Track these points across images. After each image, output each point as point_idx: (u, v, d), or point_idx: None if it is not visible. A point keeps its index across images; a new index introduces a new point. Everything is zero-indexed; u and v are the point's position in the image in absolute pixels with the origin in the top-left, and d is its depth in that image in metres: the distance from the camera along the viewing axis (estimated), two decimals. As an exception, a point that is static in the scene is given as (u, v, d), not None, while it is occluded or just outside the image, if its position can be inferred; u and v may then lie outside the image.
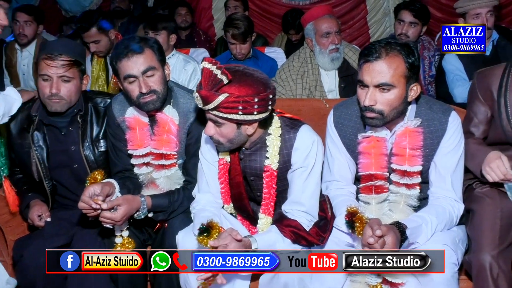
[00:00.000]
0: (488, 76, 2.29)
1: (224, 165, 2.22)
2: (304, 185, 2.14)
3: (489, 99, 2.25)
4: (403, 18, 3.89)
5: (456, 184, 2.13)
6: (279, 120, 2.16)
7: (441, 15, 5.61)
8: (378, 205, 2.13)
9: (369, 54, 2.00)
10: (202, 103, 1.98)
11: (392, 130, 2.13)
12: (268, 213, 2.20)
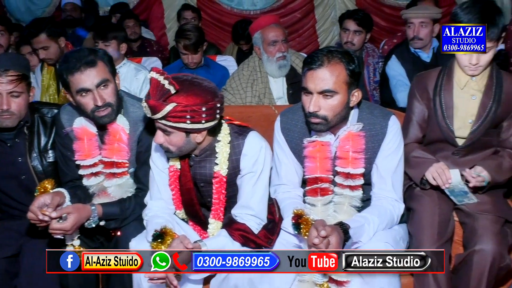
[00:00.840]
0: (425, 78, 2.39)
1: (175, 172, 2.22)
2: (253, 189, 2.16)
3: (426, 99, 2.34)
4: (348, 27, 3.98)
5: (397, 185, 2.19)
6: (228, 127, 2.18)
7: (385, 24, 5.77)
8: (323, 207, 2.15)
9: (312, 62, 2.03)
10: (150, 112, 1.98)
11: (336, 135, 2.17)
12: (218, 218, 2.21)
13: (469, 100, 2.28)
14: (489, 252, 2.04)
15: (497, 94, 2.24)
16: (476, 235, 2.09)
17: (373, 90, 3.99)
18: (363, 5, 5.89)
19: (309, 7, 5.81)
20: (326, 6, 5.90)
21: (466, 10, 2.16)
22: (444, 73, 2.34)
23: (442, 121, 2.30)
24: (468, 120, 2.28)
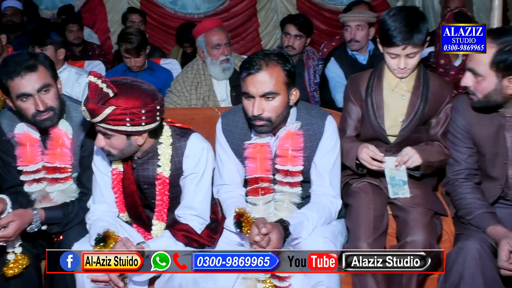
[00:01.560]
0: (358, 80, 2.45)
1: (118, 175, 2.20)
2: (196, 190, 2.18)
3: (359, 100, 2.41)
4: (289, 31, 4.04)
5: (334, 182, 2.25)
6: (170, 129, 2.19)
7: (325, 27, 5.90)
8: (265, 206, 2.18)
9: (250, 67, 2.06)
10: (89, 116, 1.96)
11: (276, 135, 2.21)
12: (162, 219, 2.21)
13: (399, 100, 2.36)
14: (420, 242, 2.11)
15: (425, 94, 2.33)
16: (408, 227, 2.17)
17: (314, 91, 4.07)
18: (303, 9, 5.99)
19: (252, 11, 5.86)
20: (268, 10, 5.97)
21: (393, 18, 2.22)
22: (375, 74, 2.41)
23: (374, 120, 2.37)
24: (399, 119, 2.36)
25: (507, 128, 2.16)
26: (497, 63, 2.04)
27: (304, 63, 4.12)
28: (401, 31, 2.19)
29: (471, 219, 2.18)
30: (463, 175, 2.27)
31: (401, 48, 2.21)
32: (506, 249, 1.94)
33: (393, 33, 2.20)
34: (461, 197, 2.24)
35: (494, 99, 2.11)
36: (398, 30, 2.19)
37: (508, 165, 2.19)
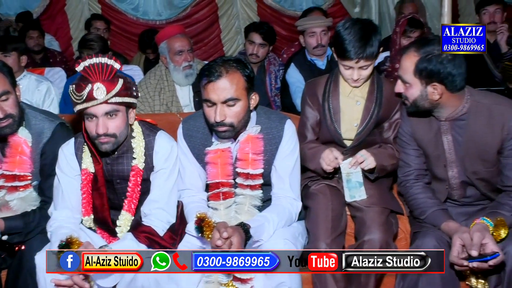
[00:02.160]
0: (315, 85, 2.48)
1: (88, 175, 2.21)
2: (163, 184, 2.22)
3: (316, 104, 2.43)
4: (253, 39, 4.05)
5: (294, 184, 2.27)
6: (140, 125, 2.25)
7: (286, 33, 5.94)
8: (226, 210, 2.19)
9: (210, 75, 2.06)
10: (105, 91, 2.02)
11: (237, 139, 2.22)
12: (130, 210, 2.21)
13: (354, 105, 2.39)
14: (376, 241, 2.14)
15: (379, 98, 2.38)
16: (365, 226, 2.20)
17: (275, 96, 4.10)
18: (264, 15, 6.03)
19: (214, 18, 5.86)
20: (230, 17, 5.99)
21: (347, 31, 2.24)
22: (331, 80, 2.44)
23: (331, 125, 2.40)
24: (354, 123, 2.39)
25: (443, 132, 2.22)
26: (419, 71, 2.09)
27: (265, 68, 4.15)
28: (354, 45, 2.21)
29: (425, 218, 2.23)
30: (413, 176, 2.32)
31: (354, 62, 2.25)
32: (458, 243, 1.98)
33: (347, 47, 2.22)
34: (413, 197, 2.29)
35: (421, 104, 2.16)
36: (352, 44, 2.21)
37: (448, 167, 2.25)
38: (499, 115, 2.12)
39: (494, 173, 2.21)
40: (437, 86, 2.10)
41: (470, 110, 2.16)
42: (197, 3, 5.71)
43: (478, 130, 2.16)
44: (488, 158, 2.18)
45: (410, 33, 3.63)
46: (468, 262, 1.93)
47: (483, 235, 1.94)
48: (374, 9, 6.27)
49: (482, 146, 2.17)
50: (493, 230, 2.00)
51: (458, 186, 2.27)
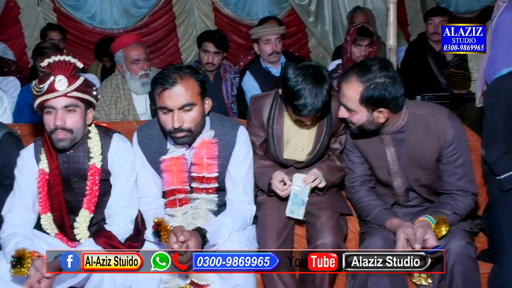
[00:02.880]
0: (260, 105, 2.44)
1: (44, 175, 2.21)
2: (123, 184, 2.24)
3: (262, 126, 2.42)
4: (208, 48, 4.06)
5: (248, 189, 2.30)
6: (96, 128, 2.28)
7: (242, 41, 5.98)
8: (183, 216, 2.20)
9: (165, 82, 2.07)
10: (67, 83, 2.08)
11: (191, 146, 2.23)
12: (89, 209, 2.21)
13: (302, 130, 2.39)
14: (329, 244, 2.18)
15: (329, 121, 2.38)
16: (317, 231, 2.24)
17: (231, 103, 4.12)
18: (221, 24, 6.05)
19: (171, 26, 5.84)
20: (188, 26, 5.98)
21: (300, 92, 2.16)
22: (276, 104, 2.40)
23: (274, 151, 2.41)
24: (299, 148, 2.40)
25: (385, 144, 2.28)
26: (366, 100, 2.11)
27: (221, 76, 4.17)
28: (307, 107, 2.16)
29: (371, 219, 2.30)
30: (358, 182, 2.39)
31: (308, 119, 2.28)
32: (402, 238, 2.05)
33: (301, 109, 2.18)
34: (359, 201, 2.36)
35: (368, 128, 2.20)
36: (304, 106, 2.16)
37: (393, 177, 2.32)
38: (435, 125, 2.20)
39: (434, 180, 2.29)
40: (383, 110, 2.14)
41: (408, 122, 2.22)
42: (154, 12, 5.68)
43: (417, 140, 2.22)
44: (428, 166, 2.26)
45: (360, 41, 3.73)
46: None
47: (426, 231, 2.02)
48: (328, 18, 6.39)
49: (421, 155, 2.24)
50: (434, 227, 2.08)
51: (403, 193, 2.35)
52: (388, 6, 3.02)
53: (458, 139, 2.20)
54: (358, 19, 4.71)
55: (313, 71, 2.19)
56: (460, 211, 2.21)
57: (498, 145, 2.34)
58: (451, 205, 2.20)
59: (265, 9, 6.19)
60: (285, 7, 6.29)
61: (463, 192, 2.23)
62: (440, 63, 4.37)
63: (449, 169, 2.23)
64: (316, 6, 6.30)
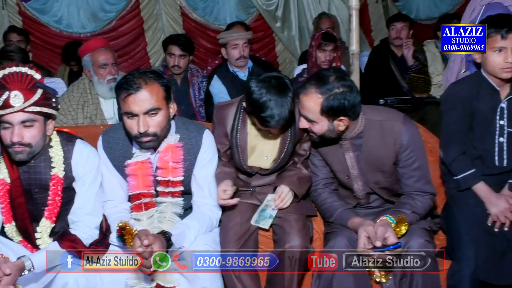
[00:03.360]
0: (224, 114, 2.41)
1: (4, 185, 2.14)
2: (87, 191, 2.20)
3: (225, 135, 2.39)
4: (173, 51, 4.06)
5: (213, 192, 2.29)
6: (57, 135, 2.21)
7: (211, 46, 5.97)
8: (148, 220, 2.18)
9: (129, 87, 2.05)
10: (23, 99, 1.97)
11: (156, 150, 2.21)
12: (50, 219, 2.16)
13: (266, 138, 2.37)
14: (297, 247, 2.18)
15: (293, 129, 2.37)
16: (285, 234, 2.23)
17: (199, 107, 4.12)
18: (189, 29, 6.02)
19: (139, 31, 5.77)
20: (156, 30, 5.92)
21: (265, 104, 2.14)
22: (240, 113, 2.38)
23: (238, 160, 2.39)
24: (264, 156, 2.39)
25: (345, 150, 2.31)
26: (326, 111, 2.13)
27: (188, 80, 4.16)
28: (274, 117, 2.15)
29: (334, 220, 2.33)
30: (321, 185, 2.41)
31: (276, 130, 2.28)
32: (363, 235, 2.08)
33: (269, 120, 2.17)
34: (322, 203, 2.39)
35: (329, 136, 2.23)
36: (272, 117, 2.15)
37: (353, 181, 2.35)
38: (390, 130, 2.23)
39: (393, 182, 2.34)
40: (343, 119, 2.17)
41: (365, 128, 2.25)
42: (122, 16, 5.61)
43: (374, 145, 2.26)
44: (386, 169, 2.30)
45: (324, 46, 3.78)
46: (373, 252, 2.04)
47: (386, 229, 2.05)
48: (294, 24, 6.43)
49: (379, 159, 2.28)
50: (395, 226, 2.12)
51: (363, 196, 2.39)
52: (350, 12, 3.06)
53: (414, 143, 2.24)
54: (324, 24, 4.76)
55: (276, 82, 2.18)
56: (419, 210, 2.25)
57: (455, 147, 2.40)
58: (411, 205, 2.25)
59: (233, 14, 6.19)
60: (252, 13, 6.31)
61: (422, 192, 2.28)
62: (402, 68, 4.46)
63: (407, 172, 2.27)
64: (283, 11, 6.34)
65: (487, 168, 2.39)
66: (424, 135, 2.87)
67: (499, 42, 2.22)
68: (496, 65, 2.26)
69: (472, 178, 2.36)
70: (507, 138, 2.35)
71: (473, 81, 2.39)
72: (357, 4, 3.05)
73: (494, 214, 2.29)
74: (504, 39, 2.21)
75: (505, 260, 2.22)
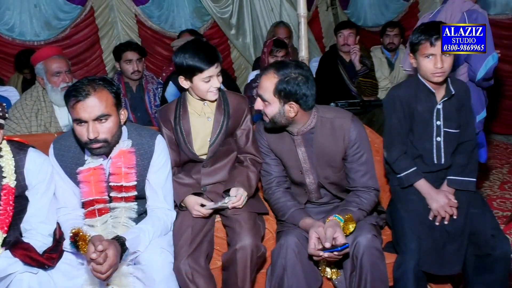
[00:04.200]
0: (166, 110, 2.49)
1: None
2: (40, 199, 2.15)
3: (171, 128, 2.44)
4: (130, 57, 4.01)
5: (167, 196, 2.29)
6: (8, 144, 2.14)
7: (167, 53, 5.94)
8: (103, 226, 2.15)
9: (78, 94, 2.02)
10: None
11: (109, 156, 2.19)
12: (2, 229, 2.10)
13: (206, 122, 2.43)
14: (248, 247, 2.20)
15: (226, 110, 2.43)
16: (236, 234, 2.25)
17: (155, 113, 4.07)
18: (145, 36, 5.98)
19: (94, 38, 5.67)
20: (111, 37, 5.84)
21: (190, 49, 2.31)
22: (180, 104, 2.47)
23: (185, 146, 2.42)
24: (207, 139, 2.43)
25: (297, 145, 2.38)
26: (279, 92, 2.22)
27: (144, 87, 4.13)
28: (207, 52, 2.30)
29: (286, 219, 2.37)
30: (274, 183, 2.46)
31: (215, 67, 2.32)
32: (314, 236, 2.13)
33: (204, 56, 2.28)
34: (275, 202, 2.43)
35: (279, 121, 2.30)
36: (206, 52, 2.29)
37: (305, 175, 2.42)
38: (340, 127, 2.32)
39: (342, 177, 2.41)
40: (293, 105, 2.24)
41: (316, 124, 2.34)
42: (77, 24, 5.49)
43: (324, 141, 2.34)
44: (335, 164, 2.38)
45: (276, 52, 3.83)
46: (323, 253, 2.09)
47: (335, 230, 2.11)
48: (249, 31, 6.48)
49: (329, 154, 2.35)
50: (343, 225, 2.18)
51: (315, 190, 2.45)
52: (299, 20, 3.12)
53: (361, 139, 2.34)
54: (280, 32, 4.81)
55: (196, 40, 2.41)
56: (365, 207, 2.32)
57: (397, 147, 2.49)
58: (357, 202, 2.31)
59: (188, 22, 6.18)
60: (207, 20, 6.31)
61: (367, 188, 2.35)
62: (350, 73, 4.57)
63: (354, 167, 2.35)
64: (237, 19, 6.38)
65: (427, 166, 2.48)
66: (371, 136, 2.96)
67: (429, 49, 2.32)
68: (428, 70, 2.36)
69: (413, 175, 2.45)
70: (444, 137, 2.45)
71: (411, 85, 2.48)
72: (305, 12, 3.11)
73: (435, 209, 2.38)
74: (433, 46, 2.30)
75: (445, 252, 2.31)
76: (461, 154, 2.47)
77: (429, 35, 2.30)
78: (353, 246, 2.19)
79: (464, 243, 2.33)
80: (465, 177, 2.43)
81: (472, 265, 2.36)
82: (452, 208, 2.36)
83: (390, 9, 6.66)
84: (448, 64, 2.32)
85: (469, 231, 2.34)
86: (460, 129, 2.46)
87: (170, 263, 2.13)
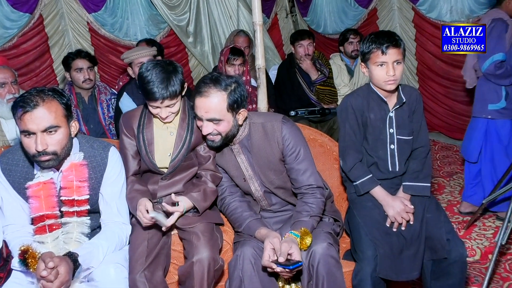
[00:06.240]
0: (130, 117, 2.53)
1: None
2: None
3: (133, 136, 2.49)
4: (81, 66, 4.00)
5: (122, 209, 2.31)
6: None
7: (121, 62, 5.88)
8: (54, 242, 2.14)
9: (25, 105, 2.02)
10: None
11: (59, 169, 2.19)
12: None
13: (168, 136, 2.47)
14: (204, 260, 2.24)
15: (190, 125, 2.49)
16: (193, 247, 2.29)
17: (109, 124, 4.08)
18: (98, 45, 5.95)
19: (44, 47, 5.60)
20: (62, 46, 5.78)
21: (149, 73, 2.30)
22: (145, 113, 2.51)
23: (145, 156, 2.46)
24: (168, 153, 2.46)
25: (236, 154, 2.47)
26: (232, 105, 2.29)
27: (96, 98, 4.12)
28: (158, 87, 2.27)
29: (242, 230, 2.43)
30: (227, 193, 2.54)
31: (159, 102, 2.33)
32: (269, 248, 2.20)
33: (152, 89, 2.28)
34: (231, 213, 2.49)
35: (232, 133, 2.38)
36: (155, 87, 2.27)
37: (250, 183, 2.50)
38: (271, 130, 2.43)
39: (285, 179, 2.51)
40: (242, 111, 2.35)
41: (250, 131, 2.45)
42: (25, 33, 5.39)
43: (260, 146, 2.44)
44: (276, 167, 2.47)
45: (233, 60, 3.92)
46: (276, 266, 2.14)
47: (290, 246, 2.18)
48: (207, 39, 6.55)
49: (267, 158, 2.45)
50: (299, 240, 2.25)
51: (262, 197, 2.53)
52: (255, 28, 3.18)
53: (294, 137, 2.44)
54: (240, 41, 4.88)
55: (164, 62, 2.36)
56: (315, 212, 2.40)
57: (352, 155, 2.60)
58: (306, 210, 2.39)
59: (144, 30, 6.19)
60: (163, 28, 6.33)
61: (310, 187, 2.44)
62: (308, 81, 4.70)
63: (294, 167, 2.44)
64: (195, 27, 6.43)
65: (382, 173, 2.60)
66: (330, 144, 3.07)
67: (380, 57, 2.44)
68: (380, 78, 2.48)
69: (369, 183, 2.56)
70: (397, 144, 2.57)
71: (364, 93, 2.60)
72: (261, 20, 3.19)
73: (391, 216, 2.48)
74: (384, 54, 2.43)
75: (403, 257, 2.41)
76: (415, 160, 2.60)
77: (380, 43, 2.43)
78: (309, 255, 2.25)
79: (421, 248, 2.43)
80: (420, 183, 2.55)
81: (429, 270, 2.45)
82: (408, 214, 2.47)
83: (349, 16, 6.84)
84: (399, 72, 2.45)
85: (425, 235, 2.44)
86: (413, 135, 2.58)
87: (125, 278, 2.15)
